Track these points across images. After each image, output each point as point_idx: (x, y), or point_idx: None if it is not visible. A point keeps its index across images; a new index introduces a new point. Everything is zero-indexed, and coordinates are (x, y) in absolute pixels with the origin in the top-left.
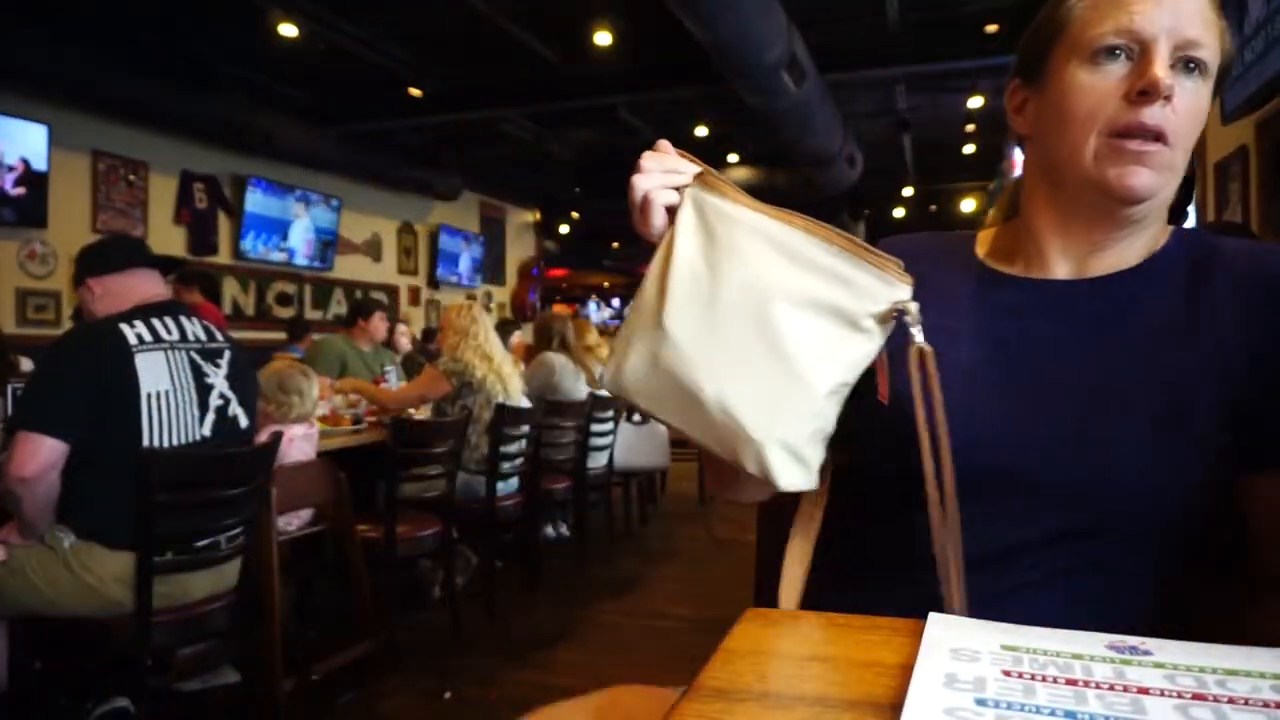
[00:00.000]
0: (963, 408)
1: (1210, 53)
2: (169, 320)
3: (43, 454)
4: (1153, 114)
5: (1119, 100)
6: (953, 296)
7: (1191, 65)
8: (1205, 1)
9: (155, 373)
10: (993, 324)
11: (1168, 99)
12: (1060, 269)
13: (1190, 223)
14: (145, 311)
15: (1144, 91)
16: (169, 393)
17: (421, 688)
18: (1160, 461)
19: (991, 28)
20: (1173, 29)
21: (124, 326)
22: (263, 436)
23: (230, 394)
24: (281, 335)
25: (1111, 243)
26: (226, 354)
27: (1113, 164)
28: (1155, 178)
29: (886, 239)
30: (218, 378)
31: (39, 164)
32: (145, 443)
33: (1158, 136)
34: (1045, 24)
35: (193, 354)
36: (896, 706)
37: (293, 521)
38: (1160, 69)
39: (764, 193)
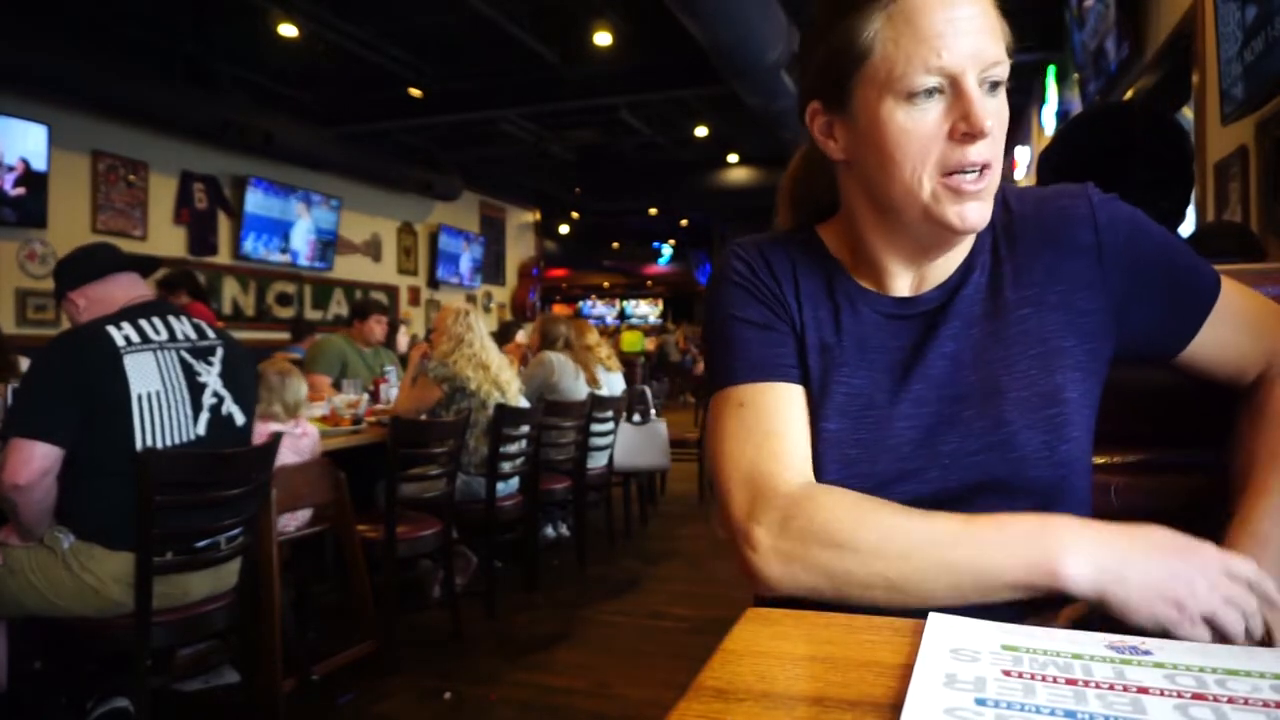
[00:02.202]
0: (877, 440)
1: (1006, 64)
2: (157, 320)
3: (36, 460)
4: (979, 150)
5: (944, 140)
6: (835, 314)
7: (995, 83)
8: (992, 11)
9: (145, 374)
10: (877, 345)
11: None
12: (901, 286)
13: (1189, 223)
14: (132, 313)
15: (968, 134)
16: (160, 393)
17: (421, 688)
18: (1051, 428)
19: None
20: (975, 55)
21: (111, 329)
22: (257, 438)
23: (224, 392)
24: (282, 335)
25: (944, 255)
26: (219, 351)
27: (952, 203)
28: (989, 205)
29: (734, 248)
30: (210, 376)
31: (39, 164)
32: (138, 444)
33: (984, 166)
34: (842, 51)
35: (183, 353)
36: (896, 706)
37: (292, 521)
38: (979, 110)
39: (764, 193)
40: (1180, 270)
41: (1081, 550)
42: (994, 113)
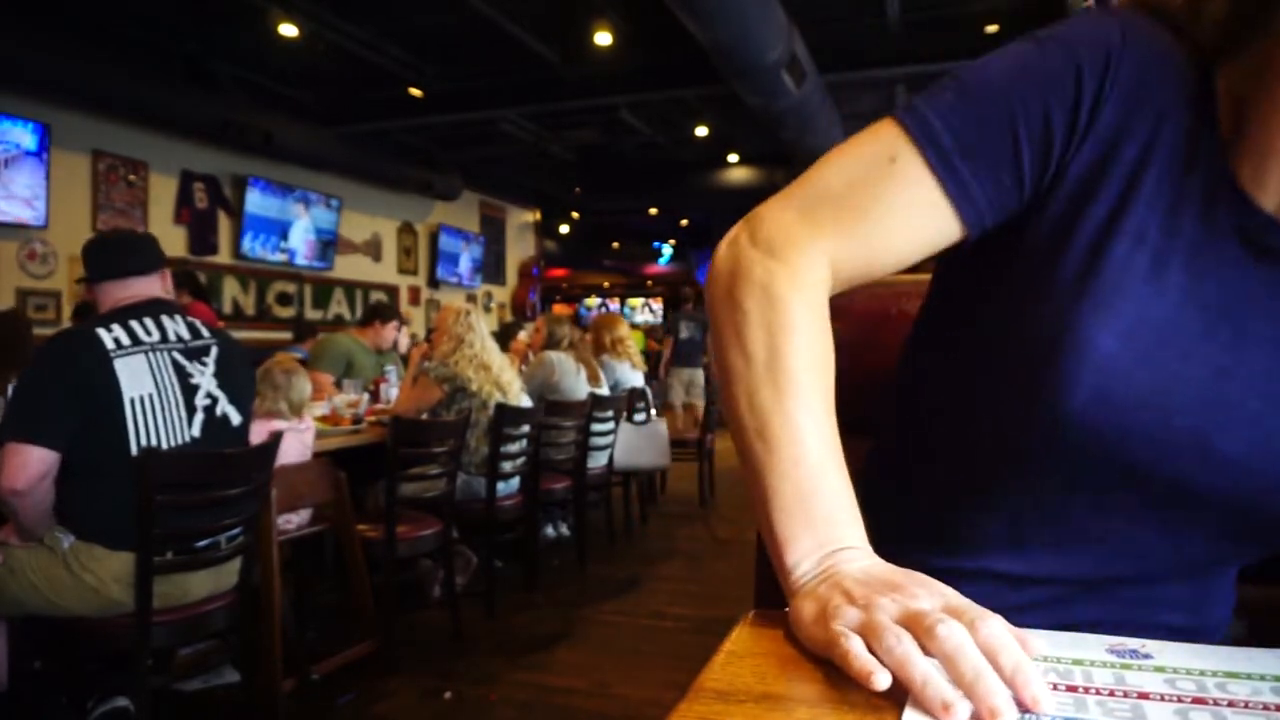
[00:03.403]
0: (1154, 391)
1: None
2: (149, 321)
3: (33, 465)
4: None
5: None
6: (1181, 198)
7: None
8: None
9: (137, 377)
10: (1213, 271)
11: None
12: (1274, 203)
13: None
14: (124, 314)
15: None
16: (152, 396)
17: (421, 688)
18: None
19: (991, 28)
20: None
21: (101, 331)
22: (256, 437)
23: (218, 392)
24: (282, 335)
25: None
26: (214, 350)
27: None
28: None
29: (1124, 26)
30: (204, 377)
31: (39, 164)
32: (133, 448)
33: None
34: None
35: (175, 354)
36: (898, 709)
37: (292, 520)
38: None
39: (764, 193)
40: None
41: (807, 559)
42: None
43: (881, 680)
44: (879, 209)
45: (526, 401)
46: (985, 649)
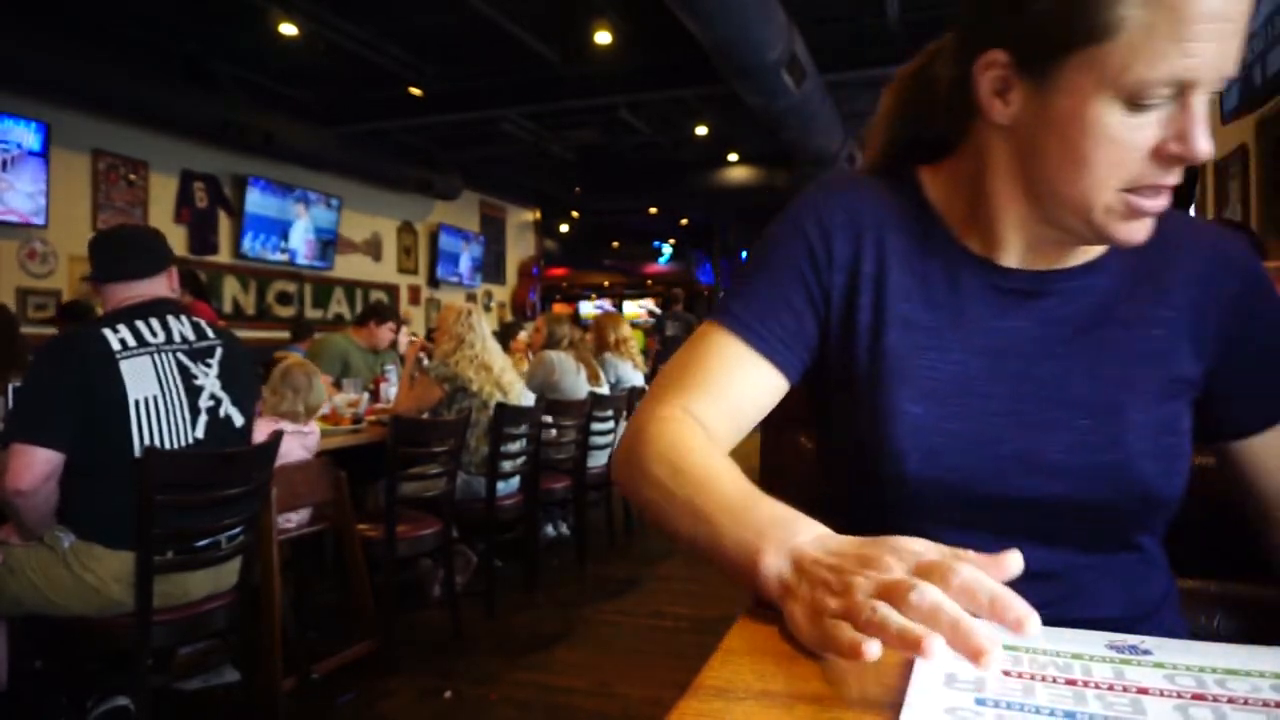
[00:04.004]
0: (972, 433)
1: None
2: (155, 321)
3: (38, 466)
4: (1175, 173)
5: (1147, 155)
6: (927, 281)
7: (1210, 95)
8: (1246, 12)
9: (142, 378)
10: (978, 324)
11: None
12: (1016, 258)
13: None
14: (130, 314)
15: (1179, 157)
16: (157, 398)
17: (421, 688)
18: (1160, 445)
19: None
20: (1221, 66)
21: (107, 332)
22: (260, 434)
23: (222, 394)
24: (282, 335)
25: (1081, 251)
26: (218, 352)
27: (1124, 219)
28: (1154, 222)
29: (821, 187)
30: (208, 378)
31: (38, 164)
32: (136, 449)
33: (1169, 187)
34: (1075, 14)
35: (180, 355)
36: (896, 706)
37: (292, 520)
38: (1200, 134)
39: (764, 193)
40: None
41: (779, 551)
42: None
43: (871, 649)
44: (714, 373)
45: (530, 400)
46: (962, 596)
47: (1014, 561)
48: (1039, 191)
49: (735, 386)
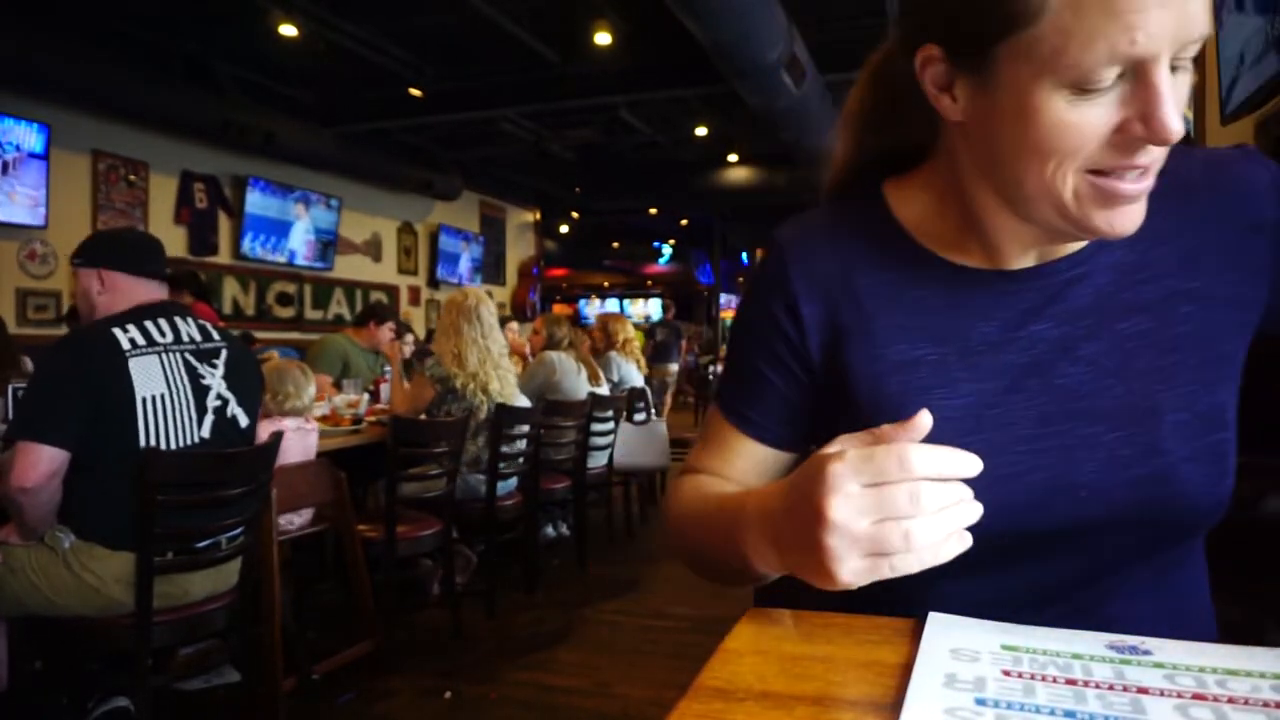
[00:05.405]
0: (991, 468)
1: (1204, 37)
2: (163, 322)
3: (44, 463)
4: (1149, 152)
5: (1110, 139)
6: (921, 311)
7: (1182, 62)
8: None
9: (150, 377)
10: (988, 343)
11: None
12: (1014, 262)
13: None
14: (139, 314)
15: (1144, 138)
16: (164, 396)
17: (421, 687)
18: (1205, 444)
19: None
20: (1177, 34)
21: (117, 331)
22: (261, 435)
23: (229, 394)
24: (282, 335)
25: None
26: (224, 353)
27: (1099, 205)
28: (1144, 206)
29: (786, 232)
30: (215, 378)
31: (38, 164)
32: (142, 447)
33: (1149, 166)
34: (991, 2)
35: (187, 355)
36: (896, 706)
37: (293, 520)
38: (1168, 113)
39: (764, 193)
40: None
41: (754, 529)
42: (1180, 104)
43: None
44: (722, 454)
45: (522, 401)
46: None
47: (923, 421)
48: (1005, 188)
49: (739, 463)
